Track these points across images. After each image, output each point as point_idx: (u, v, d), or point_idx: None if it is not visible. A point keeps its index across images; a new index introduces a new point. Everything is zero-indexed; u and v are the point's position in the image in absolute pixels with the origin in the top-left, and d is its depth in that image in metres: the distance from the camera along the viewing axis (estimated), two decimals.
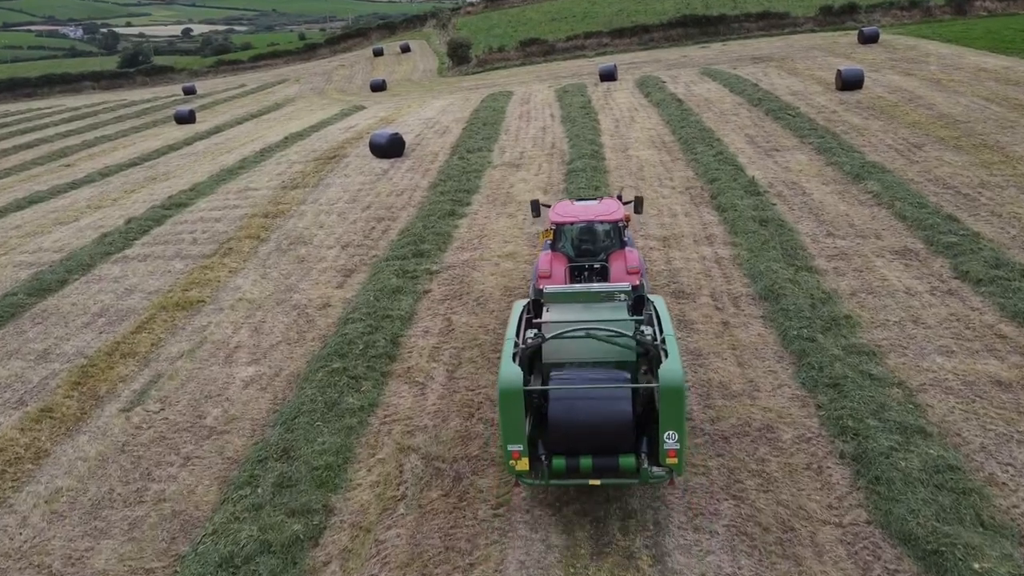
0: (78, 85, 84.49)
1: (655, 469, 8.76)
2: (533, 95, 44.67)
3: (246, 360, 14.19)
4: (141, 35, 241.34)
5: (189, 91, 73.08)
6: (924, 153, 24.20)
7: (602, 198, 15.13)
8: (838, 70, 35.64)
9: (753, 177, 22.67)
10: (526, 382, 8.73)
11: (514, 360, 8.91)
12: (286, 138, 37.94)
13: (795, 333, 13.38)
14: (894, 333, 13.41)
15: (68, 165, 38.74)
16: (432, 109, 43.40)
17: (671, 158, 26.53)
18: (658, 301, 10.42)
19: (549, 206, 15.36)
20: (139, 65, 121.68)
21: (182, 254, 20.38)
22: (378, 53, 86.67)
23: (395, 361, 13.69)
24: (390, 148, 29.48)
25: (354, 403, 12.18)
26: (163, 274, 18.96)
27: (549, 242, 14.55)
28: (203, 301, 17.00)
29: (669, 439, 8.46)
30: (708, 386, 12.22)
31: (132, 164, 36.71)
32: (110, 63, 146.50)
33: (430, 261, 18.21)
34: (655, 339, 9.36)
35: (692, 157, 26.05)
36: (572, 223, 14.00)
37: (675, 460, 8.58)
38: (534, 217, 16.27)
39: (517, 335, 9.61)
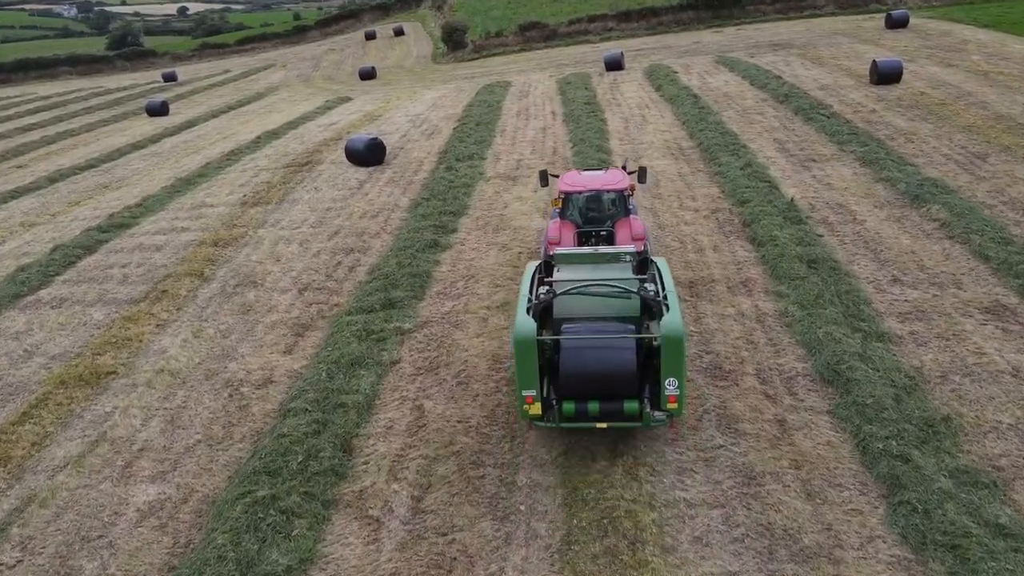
0: (54, 71, 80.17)
1: (656, 414, 9.59)
2: (532, 87, 40.90)
3: (149, 473, 10.77)
4: (136, 14, 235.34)
5: (169, 78, 69.04)
6: (990, 166, 20.61)
7: (608, 168, 16.27)
8: (873, 61, 31.86)
9: (792, 199, 19.10)
10: (539, 334, 9.52)
11: (527, 313, 9.74)
12: (258, 138, 34.27)
13: (880, 446, 9.94)
14: (1013, 446, 9.98)
15: (20, 167, 35.10)
16: (422, 103, 39.66)
17: (691, 170, 22.92)
18: (661, 263, 11.27)
19: (557, 176, 16.15)
20: (127, 47, 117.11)
21: (106, 298, 16.89)
22: (370, 36, 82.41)
23: (344, 480, 10.26)
24: (369, 155, 25.85)
25: (279, 561, 8.77)
26: (76, 328, 15.49)
27: (558, 210, 15.22)
28: (115, 372, 13.54)
29: (670, 385, 9.29)
30: (769, 534, 8.81)
31: (88, 167, 33.09)
32: (98, 44, 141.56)
33: (402, 315, 14.73)
34: (658, 295, 10.14)
35: (716, 169, 22.44)
36: (580, 192, 14.83)
37: (675, 405, 9.44)
38: (542, 186, 17.12)
39: (530, 292, 10.48)
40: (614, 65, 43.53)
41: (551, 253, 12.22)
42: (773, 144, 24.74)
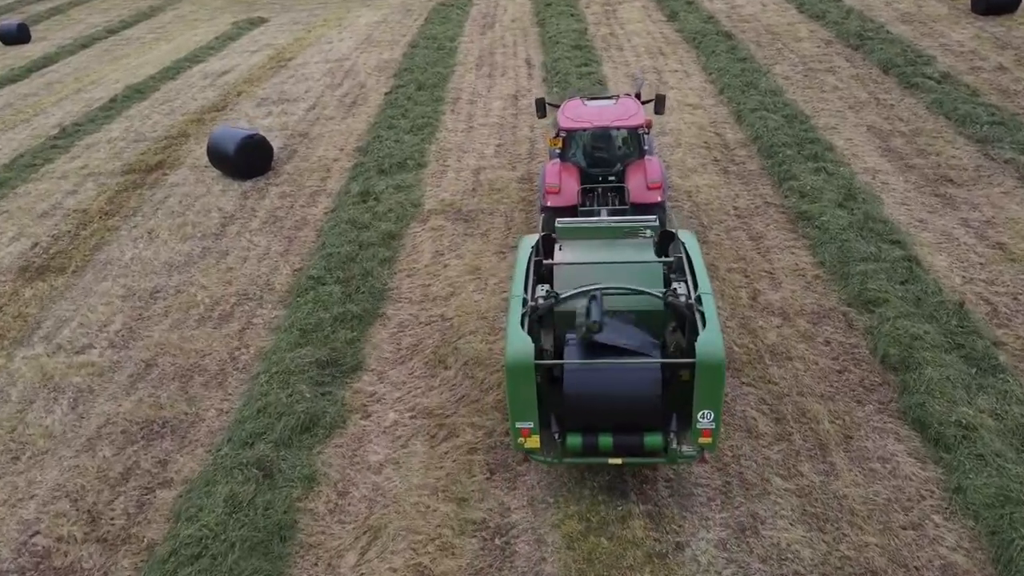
0: None
1: (685, 448, 7.61)
2: (500, 8, 30.68)
3: None
4: None
5: None
6: None
7: (618, 97, 12.87)
8: None
9: (962, 303, 10.69)
10: (538, 351, 7.48)
11: (522, 325, 7.45)
12: (114, 99, 24.31)
13: None
14: None
15: None
16: (352, 34, 29.43)
17: (753, 199, 14.18)
18: (689, 238, 8.77)
19: (557, 106, 13.11)
20: None
21: None
22: None
23: None
24: (242, 162, 16.52)
25: None
26: None
27: (557, 150, 12.63)
28: None
29: (704, 419, 7.29)
30: None
31: None
32: None
33: None
34: (689, 298, 7.75)
35: (795, 204, 13.67)
36: (584, 129, 12.08)
37: (709, 440, 7.42)
38: (539, 118, 13.60)
39: (525, 290, 7.95)
40: None
41: (547, 206, 11.39)
42: (870, 138, 15.95)
